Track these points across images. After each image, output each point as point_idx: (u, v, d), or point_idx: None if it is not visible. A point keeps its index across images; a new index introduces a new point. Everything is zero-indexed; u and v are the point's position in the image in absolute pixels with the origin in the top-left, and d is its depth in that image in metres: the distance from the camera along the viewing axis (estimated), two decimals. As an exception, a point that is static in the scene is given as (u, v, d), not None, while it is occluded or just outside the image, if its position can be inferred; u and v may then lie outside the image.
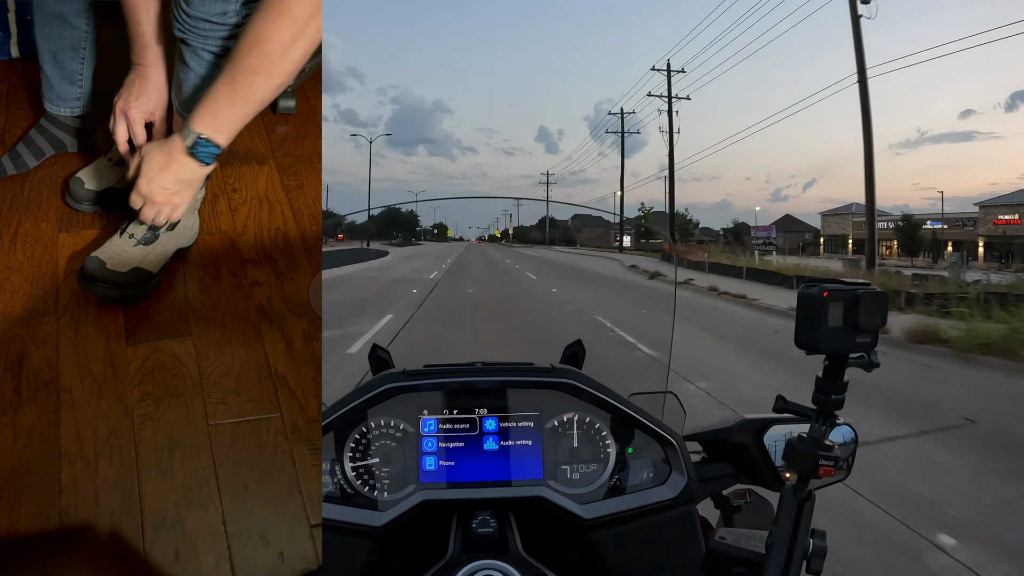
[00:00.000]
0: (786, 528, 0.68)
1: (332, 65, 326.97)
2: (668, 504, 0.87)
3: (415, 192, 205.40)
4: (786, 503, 0.70)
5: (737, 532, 0.74)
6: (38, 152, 1.99)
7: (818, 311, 0.66)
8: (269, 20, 1.35)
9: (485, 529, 0.79)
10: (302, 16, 1.34)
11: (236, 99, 1.45)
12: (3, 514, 1.38)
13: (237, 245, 1.90)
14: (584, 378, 0.91)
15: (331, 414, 0.87)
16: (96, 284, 1.67)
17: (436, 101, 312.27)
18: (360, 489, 0.87)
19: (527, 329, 4.95)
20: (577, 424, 0.91)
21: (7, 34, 2.20)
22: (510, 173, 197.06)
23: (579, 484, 0.89)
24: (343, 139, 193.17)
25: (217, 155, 1.54)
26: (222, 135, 1.51)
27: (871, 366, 0.68)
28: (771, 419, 0.92)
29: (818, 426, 0.70)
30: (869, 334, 0.67)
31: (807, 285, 0.68)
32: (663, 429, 0.90)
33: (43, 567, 1.33)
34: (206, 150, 1.51)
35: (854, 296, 0.66)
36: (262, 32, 1.36)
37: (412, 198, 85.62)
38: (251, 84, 1.42)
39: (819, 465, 0.68)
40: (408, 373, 0.90)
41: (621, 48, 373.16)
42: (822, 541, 0.68)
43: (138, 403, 1.57)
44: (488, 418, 0.89)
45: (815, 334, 0.66)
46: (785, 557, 0.67)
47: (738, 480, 0.97)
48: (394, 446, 0.88)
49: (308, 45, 1.38)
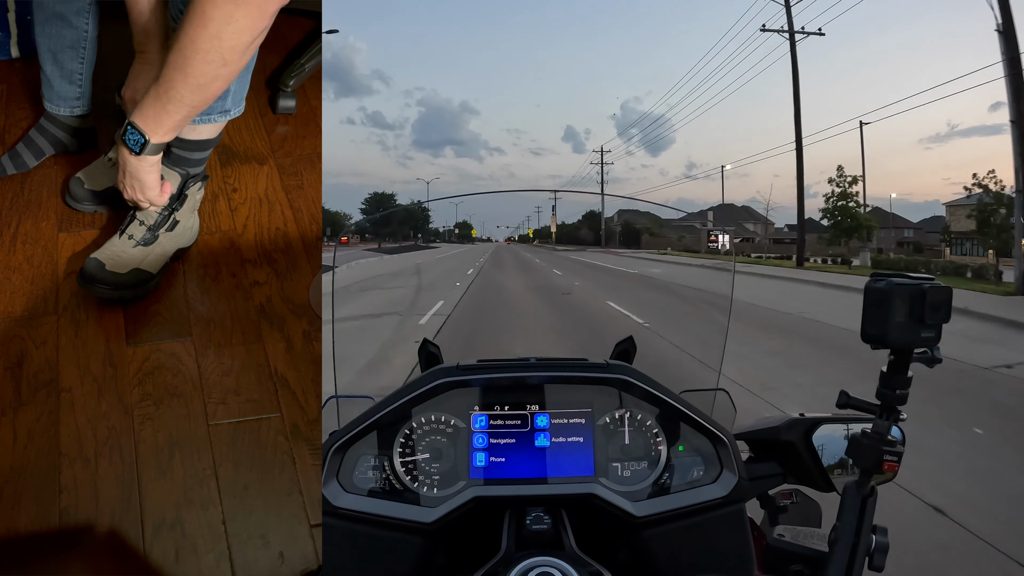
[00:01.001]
0: (849, 524, 0.68)
1: (358, 68, 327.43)
2: (719, 503, 0.85)
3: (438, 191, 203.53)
4: (849, 499, 0.69)
5: (795, 530, 0.74)
6: (38, 152, 1.99)
7: (884, 305, 0.65)
8: (188, 21, 1.36)
9: (539, 526, 0.79)
10: (217, 17, 1.33)
11: (159, 94, 1.47)
12: (3, 514, 1.38)
13: (237, 245, 1.90)
14: (637, 374, 0.90)
15: (382, 409, 0.86)
16: (96, 285, 1.67)
17: (463, 102, 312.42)
18: (409, 485, 0.86)
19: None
20: (628, 421, 0.89)
21: (7, 34, 2.20)
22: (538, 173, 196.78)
23: (630, 482, 0.87)
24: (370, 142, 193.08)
25: (143, 144, 1.53)
26: (149, 127, 1.51)
27: (933, 362, 0.67)
28: (820, 418, 0.91)
29: (882, 421, 0.69)
30: (933, 329, 0.66)
31: (873, 279, 0.67)
32: (715, 427, 0.89)
33: (43, 567, 1.33)
34: (132, 138, 1.52)
35: (920, 290, 0.65)
36: (181, 32, 1.38)
37: (432, 193, 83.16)
38: (170, 81, 1.43)
39: (883, 460, 0.68)
40: (461, 368, 0.89)
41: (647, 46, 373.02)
42: (884, 537, 0.68)
43: (138, 403, 1.57)
44: (539, 414, 0.88)
45: (881, 328, 0.66)
46: (849, 553, 0.67)
47: (785, 480, 0.95)
48: (444, 442, 0.87)
49: (228, 50, 1.38)
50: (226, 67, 1.41)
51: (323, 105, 2.30)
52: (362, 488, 0.86)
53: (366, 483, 0.86)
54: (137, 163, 1.57)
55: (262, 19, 1.36)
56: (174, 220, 1.74)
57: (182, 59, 1.39)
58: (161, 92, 1.46)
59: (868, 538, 0.68)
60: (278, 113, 2.23)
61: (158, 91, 1.46)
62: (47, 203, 1.93)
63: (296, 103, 2.23)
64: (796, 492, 0.98)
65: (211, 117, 1.70)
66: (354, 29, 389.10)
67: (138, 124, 1.51)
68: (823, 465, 0.90)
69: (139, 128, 1.51)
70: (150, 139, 1.52)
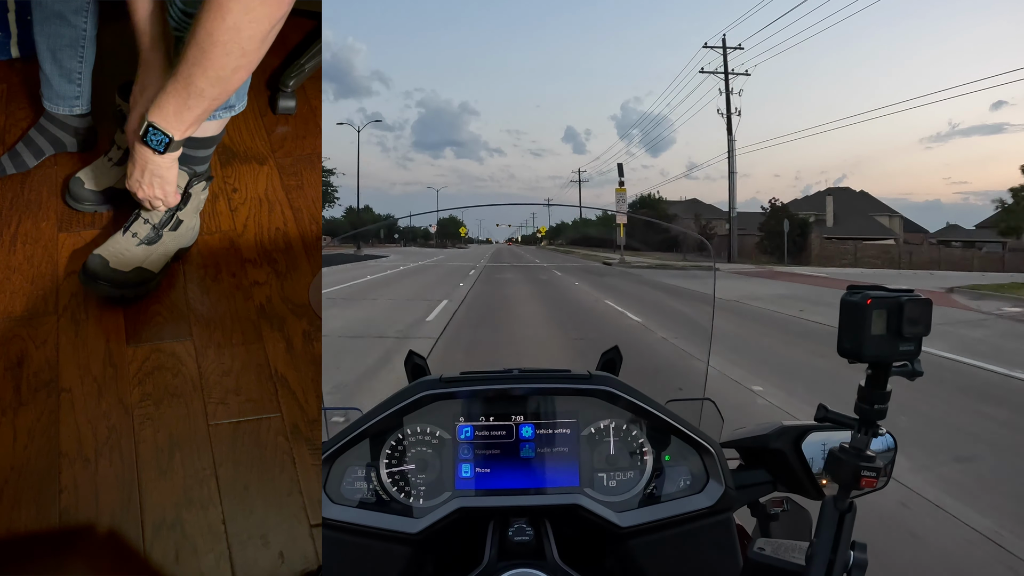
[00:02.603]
0: (827, 540, 0.67)
1: (358, 69, 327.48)
2: (705, 512, 0.86)
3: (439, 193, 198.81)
4: (827, 514, 0.69)
5: (776, 543, 0.74)
6: (38, 152, 1.98)
7: (861, 319, 0.64)
8: (204, 13, 1.35)
9: (521, 537, 0.79)
10: (235, 9, 1.33)
11: (178, 90, 1.46)
12: (3, 514, 1.38)
13: (237, 245, 1.90)
14: (622, 385, 0.90)
15: (368, 420, 0.87)
16: (98, 283, 1.67)
17: (462, 103, 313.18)
18: (396, 495, 0.87)
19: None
20: (614, 431, 0.90)
21: (7, 34, 2.20)
22: (539, 174, 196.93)
23: (615, 492, 0.88)
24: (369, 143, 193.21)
25: (168, 143, 1.53)
26: (170, 124, 1.51)
27: (914, 375, 0.66)
28: (810, 426, 0.91)
29: (860, 436, 0.69)
30: (913, 342, 0.65)
31: (850, 292, 0.67)
32: (701, 436, 0.89)
33: (43, 567, 1.33)
34: (155, 137, 1.53)
35: (898, 303, 0.64)
36: (198, 25, 1.37)
37: (440, 200, 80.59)
38: (189, 76, 1.43)
39: (861, 476, 0.67)
40: (445, 380, 0.90)
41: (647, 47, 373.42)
42: (863, 554, 0.67)
43: (138, 403, 1.57)
44: (524, 425, 0.88)
45: (858, 342, 0.65)
46: (825, 569, 0.66)
47: (775, 488, 0.95)
48: (430, 453, 0.88)
49: (246, 40, 1.38)
50: (246, 57, 1.41)
51: (323, 106, 2.30)
52: (350, 499, 0.87)
53: (354, 494, 0.87)
54: (160, 161, 1.58)
55: (280, 6, 1.36)
56: (177, 220, 1.74)
57: (200, 53, 1.38)
58: (180, 88, 1.45)
59: (846, 554, 0.67)
60: (278, 113, 2.22)
61: (176, 87, 1.46)
62: (47, 203, 1.92)
63: (296, 103, 2.23)
64: (787, 500, 0.98)
65: (216, 113, 1.70)
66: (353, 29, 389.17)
67: (159, 123, 1.51)
68: (813, 473, 0.90)
69: (161, 127, 1.51)
70: (174, 136, 1.53)
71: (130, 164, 1.61)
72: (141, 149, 1.56)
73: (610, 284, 12.73)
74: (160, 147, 1.54)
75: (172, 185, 1.65)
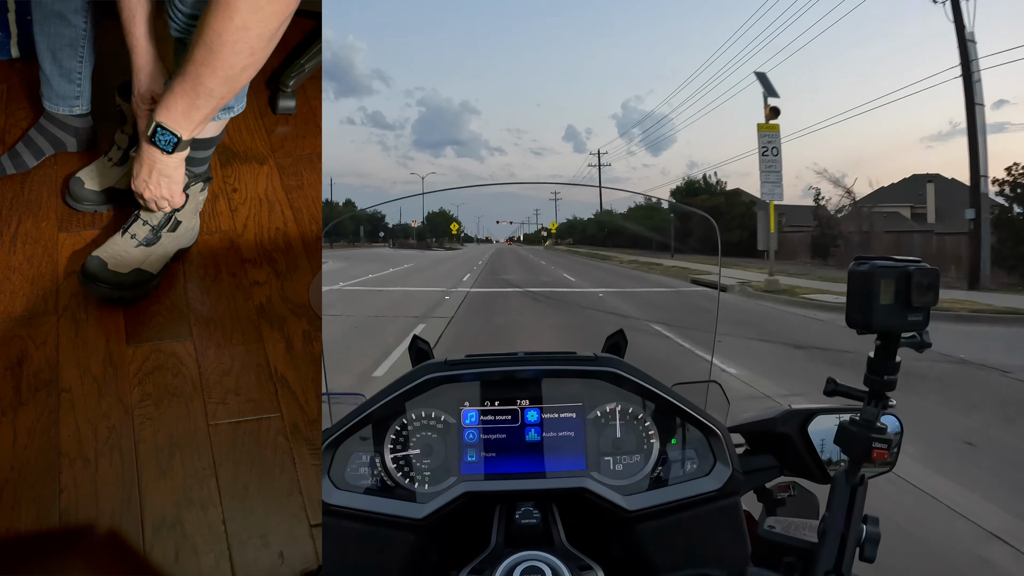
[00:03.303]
0: (839, 514, 0.67)
1: (358, 68, 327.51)
2: (712, 496, 0.85)
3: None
4: (839, 489, 0.68)
5: (787, 521, 0.73)
6: (38, 152, 1.98)
7: (869, 289, 0.64)
8: (212, 13, 1.36)
9: (528, 520, 0.79)
10: (244, 9, 1.33)
11: (187, 90, 1.47)
12: (3, 514, 1.38)
13: (237, 245, 1.90)
14: (628, 367, 0.89)
15: (372, 405, 0.86)
16: (97, 284, 1.67)
17: (463, 102, 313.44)
18: (401, 481, 0.86)
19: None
20: (620, 414, 0.89)
21: (7, 34, 2.20)
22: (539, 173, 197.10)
23: (622, 475, 0.87)
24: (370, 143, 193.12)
25: (176, 143, 1.54)
26: (179, 124, 1.52)
27: (923, 346, 0.66)
28: (816, 409, 0.90)
29: (871, 408, 0.68)
30: (921, 312, 0.64)
31: (857, 262, 0.66)
32: (707, 419, 0.88)
33: (43, 567, 1.33)
34: (164, 138, 1.53)
35: (905, 273, 0.63)
36: (205, 25, 1.37)
37: (437, 194, 77.51)
38: (198, 76, 1.43)
39: (872, 448, 0.67)
40: (449, 363, 0.89)
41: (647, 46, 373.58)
42: (875, 527, 0.67)
43: (138, 403, 1.57)
44: (530, 409, 0.87)
45: (866, 313, 0.64)
46: (838, 544, 0.66)
47: (782, 472, 0.94)
48: (435, 437, 0.87)
49: (255, 39, 1.38)
50: (254, 56, 1.42)
51: (323, 106, 2.30)
52: (354, 485, 0.86)
53: (358, 480, 0.86)
54: (168, 161, 1.58)
55: (289, 4, 1.36)
56: (176, 220, 1.74)
57: (209, 53, 1.39)
58: (188, 88, 1.46)
59: (858, 528, 0.67)
60: (278, 113, 2.22)
61: (185, 88, 1.46)
62: (47, 203, 1.92)
63: (296, 103, 2.23)
64: (793, 484, 0.97)
65: (216, 115, 1.70)
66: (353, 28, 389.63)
67: (167, 123, 1.51)
68: (819, 457, 0.89)
69: (169, 127, 1.52)
70: (182, 136, 1.53)
71: (136, 164, 1.61)
72: (149, 149, 1.56)
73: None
74: (168, 147, 1.55)
75: (179, 185, 1.66)
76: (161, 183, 1.62)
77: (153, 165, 1.59)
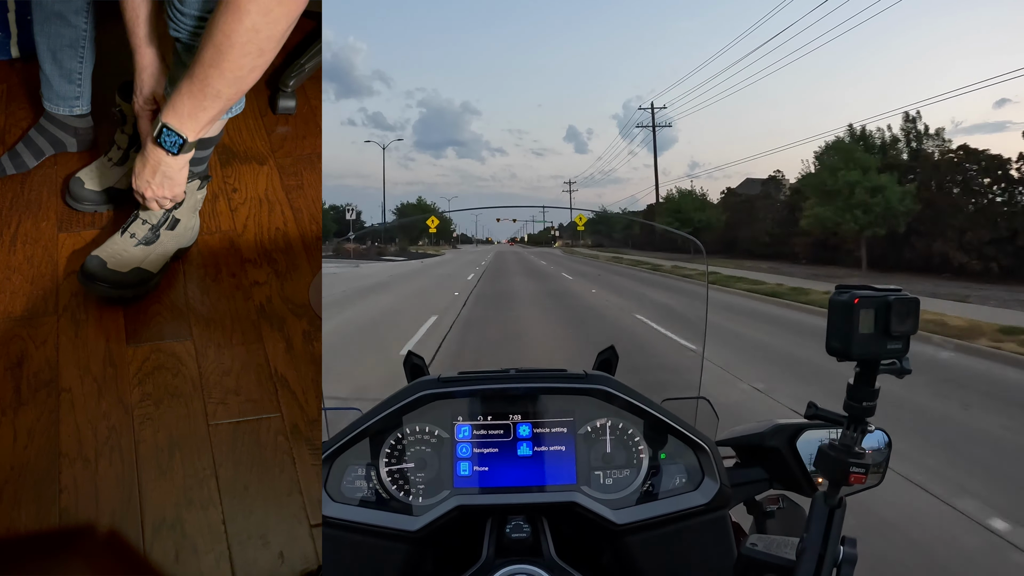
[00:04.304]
0: (817, 535, 0.68)
1: (359, 69, 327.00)
2: (701, 510, 0.87)
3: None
4: (817, 510, 0.69)
5: (768, 539, 0.74)
6: (38, 152, 1.99)
7: (849, 317, 0.65)
8: (222, 15, 1.36)
9: (519, 534, 0.80)
10: (253, 11, 1.33)
11: (194, 92, 1.46)
12: (3, 514, 1.38)
13: (237, 245, 1.90)
14: (617, 384, 0.91)
15: (367, 420, 0.88)
16: (96, 283, 1.67)
17: (464, 103, 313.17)
18: (395, 494, 0.88)
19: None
20: (610, 430, 0.91)
21: (7, 34, 2.20)
22: (540, 174, 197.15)
23: (612, 490, 0.89)
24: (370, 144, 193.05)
25: (182, 144, 1.54)
26: (185, 126, 1.52)
27: (903, 372, 0.67)
28: (805, 424, 0.92)
29: (849, 433, 0.69)
30: (901, 340, 0.66)
31: (838, 291, 0.67)
32: (696, 435, 0.90)
33: (43, 567, 1.33)
34: (170, 139, 1.53)
35: (885, 302, 0.65)
36: (215, 27, 1.37)
37: (444, 202, 78.02)
38: (206, 77, 1.43)
39: (850, 472, 0.68)
40: (443, 380, 0.91)
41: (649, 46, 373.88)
42: (852, 549, 0.68)
43: (138, 403, 1.57)
44: (522, 424, 0.89)
45: (846, 341, 0.65)
46: (815, 564, 0.67)
47: (771, 486, 0.96)
48: (429, 452, 0.89)
49: (264, 41, 1.38)
50: (263, 57, 1.42)
51: (324, 107, 2.30)
52: (350, 497, 0.88)
53: (353, 492, 0.88)
54: (172, 162, 1.59)
55: (297, 5, 1.36)
56: (174, 219, 1.74)
57: (218, 54, 1.39)
58: (196, 90, 1.46)
59: (836, 549, 0.68)
60: (278, 113, 2.23)
61: (192, 89, 1.46)
62: (47, 203, 1.93)
63: (296, 103, 2.23)
64: (782, 497, 0.99)
65: None
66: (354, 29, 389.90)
67: (174, 124, 1.51)
68: (808, 470, 0.91)
69: (175, 128, 1.52)
70: (188, 138, 1.53)
71: (139, 163, 1.61)
72: (154, 150, 1.56)
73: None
74: (174, 148, 1.55)
75: (181, 187, 1.66)
76: (164, 184, 1.62)
77: (157, 166, 1.59)
